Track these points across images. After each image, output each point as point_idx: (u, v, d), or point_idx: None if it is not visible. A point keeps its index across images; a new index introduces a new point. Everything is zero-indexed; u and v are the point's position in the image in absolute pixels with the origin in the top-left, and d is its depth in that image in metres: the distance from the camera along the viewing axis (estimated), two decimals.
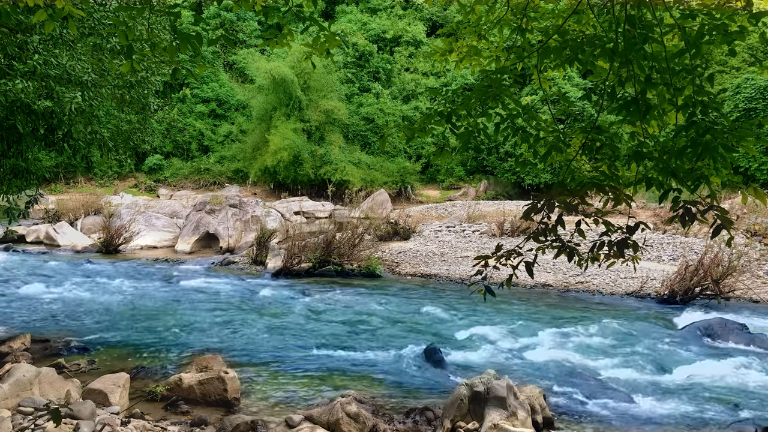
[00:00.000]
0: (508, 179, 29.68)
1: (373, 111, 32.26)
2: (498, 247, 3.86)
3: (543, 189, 26.30)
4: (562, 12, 4.11)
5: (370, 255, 15.59)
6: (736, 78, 26.28)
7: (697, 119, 3.18)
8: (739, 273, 12.69)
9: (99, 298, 12.32)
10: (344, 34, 32.25)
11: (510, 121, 3.73)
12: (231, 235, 18.96)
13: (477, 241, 18.41)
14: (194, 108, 33.54)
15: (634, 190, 3.56)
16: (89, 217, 21.45)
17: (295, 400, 7.37)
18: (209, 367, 7.50)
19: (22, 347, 8.65)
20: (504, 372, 7.35)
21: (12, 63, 6.60)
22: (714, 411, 7.18)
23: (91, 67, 7.22)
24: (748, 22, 3.42)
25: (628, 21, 3.36)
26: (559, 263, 14.72)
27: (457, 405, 6.35)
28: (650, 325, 10.74)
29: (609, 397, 7.50)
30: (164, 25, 7.94)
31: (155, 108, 9.13)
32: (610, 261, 3.74)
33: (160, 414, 6.78)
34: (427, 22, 36.11)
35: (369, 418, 6.25)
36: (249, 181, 31.12)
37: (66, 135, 7.67)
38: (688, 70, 3.31)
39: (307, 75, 30.12)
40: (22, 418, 5.60)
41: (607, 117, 13.40)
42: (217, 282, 14.23)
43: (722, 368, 8.54)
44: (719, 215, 3.11)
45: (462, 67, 4.68)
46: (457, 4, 5.01)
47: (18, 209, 8.22)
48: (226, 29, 34.45)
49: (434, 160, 4.05)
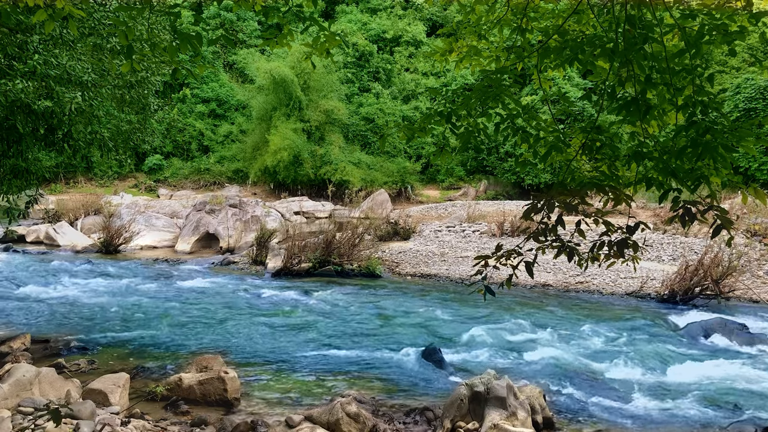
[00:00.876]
0: (508, 179, 29.68)
1: (373, 111, 32.25)
2: (498, 247, 3.86)
3: (543, 189, 26.30)
4: (562, 12, 4.11)
5: (370, 255, 15.59)
6: (736, 78, 26.27)
7: (697, 119, 3.18)
8: (739, 273, 12.69)
9: (99, 298, 12.32)
10: (344, 34, 32.22)
11: (510, 121, 3.73)
12: (231, 235, 18.96)
13: (477, 241, 18.41)
14: (194, 108, 33.53)
15: (634, 190, 3.55)
16: (89, 217, 21.45)
17: (295, 400, 7.37)
18: (209, 367, 7.51)
19: (22, 347, 8.65)
20: (504, 372, 7.35)
21: (12, 63, 6.60)
22: (714, 411, 7.18)
23: (91, 67, 7.23)
24: (748, 22, 3.42)
25: (628, 21, 3.36)
26: (559, 263, 14.72)
27: (457, 405, 6.35)
28: (650, 325, 10.73)
29: (609, 397, 7.51)
30: (164, 25, 7.95)
31: (155, 108, 9.13)
32: (610, 261, 3.74)
33: (160, 414, 6.78)
34: (427, 22, 36.09)
35: (369, 418, 6.25)
36: (249, 181, 31.11)
37: (66, 135, 7.67)
38: (688, 70, 3.30)
39: (307, 75, 30.11)
40: (22, 418, 5.59)
41: (607, 117, 13.38)
42: (217, 282, 14.24)
43: (722, 368, 8.55)
44: (719, 215, 3.11)
45: (462, 67, 4.68)
46: (457, 4, 5.01)
47: (18, 209, 8.22)
48: (226, 29, 34.44)
49: (434, 160, 4.05)
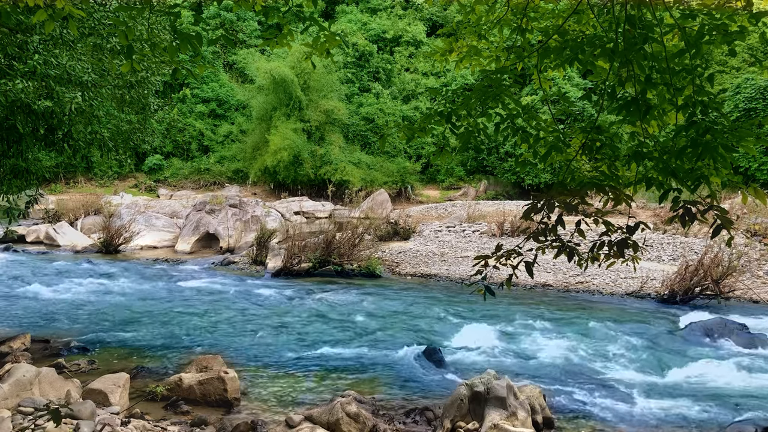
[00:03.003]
0: (508, 179, 29.68)
1: (373, 111, 32.24)
2: (498, 247, 3.86)
3: (543, 189, 26.29)
4: (562, 12, 4.11)
5: (370, 255, 15.59)
6: (736, 78, 26.26)
7: (697, 119, 3.18)
8: (739, 273, 12.69)
9: (99, 298, 12.32)
10: (344, 34, 32.21)
11: (510, 121, 3.73)
12: (231, 235, 18.96)
13: (477, 241, 18.41)
14: (194, 108, 33.53)
15: (634, 190, 3.55)
16: (89, 217, 21.45)
17: (295, 400, 7.37)
18: (209, 367, 7.51)
19: (22, 347, 8.65)
20: (504, 372, 7.35)
21: (12, 63, 6.60)
22: (714, 411, 7.18)
23: (91, 67, 7.22)
24: (748, 22, 3.42)
25: (628, 21, 3.36)
26: (559, 263, 14.71)
27: (457, 405, 6.35)
28: (650, 325, 10.74)
29: (609, 397, 7.51)
30: (164, 25, 7.94)
31: (155, 108, 9.12)
32: (610, 261, 3.74)
33: (160, 414, 6.78)
34: (427, 22, 36.08)
35: (369, 418, 6.25)
36: (249, 181, 31.10)
37: (66, 135, 7.66)
38: (688, 70, 3.30)
39: (307, 75, 30.10)
40: (22, 418, 5.59)
41: (607, 117, 13.37)
42: (217, 282, 14.24)
43: (722, 368, 8.55)
44: (719, 215, 3.11)
45: (462, 67, 4.68)
46: (457, 4, 5.01)
47: (18, 209, 8.21)
48: (226, 29, 34.43)
49: (434, 160, 4.06)
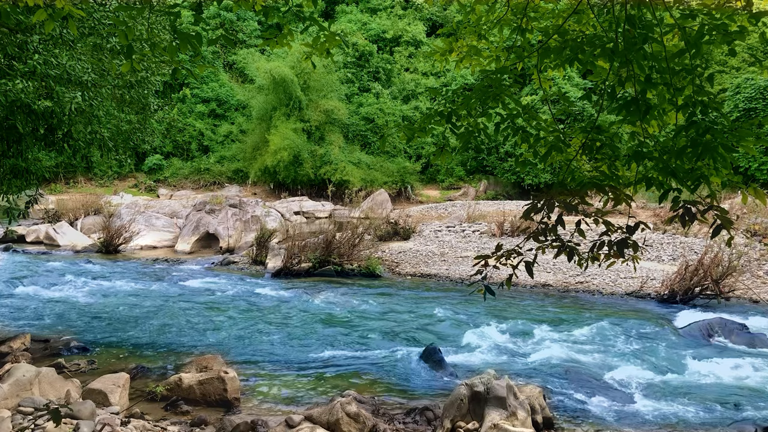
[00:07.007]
0: (508, 179, 29.68)
1: (373, 111, 32.24)
2: (498, 246, 3.86)
3: (543, 189, 26.29)
4: (562, 12, 4.11)
5: (370, 255, 15.58)
6: (736, 78, 26.26)
7: (697, 119, 3.18)
8: (739, 273, 12.69)
9: (99, 298, 12.32)
10: (344, 34, 32.20)
11: (510, 121, 3.73)
12: (231, 235, 18.96)
13: (477, 241, 18.41)
14: (194, 108, 33.52)
15: (634, 190, 3.55)
16: (89, 217, 21.46)
17: (295, 400, 7.37)
18: (209, 367, 7.51)
19: (22, 347, 8.65)
20: (504, 372, 7.35)
21: (12, 63, 6.60)
22: (714, 411, 7.19)
23: (91, 67, 7.22)
24: (748, 22, 3.42)
25: (628, 21, 3.36)
26: (559, 263, 14.72)
27: (457, 405, 6.35)
28: (650, 325, 10.73)
29: (609, 397, 7.51)
30: (164, 25, 7.94)
31: (155, 108, 9.12)
32: (610, 261, 3.74)
33: (160, 414, 6.78)
34: (427, 22, 36.08)
35: (369, 418, 6.25)
36: (249, 181, 31.10)
37: (66, 135, 7.66)
38: (688, 70, 3.30)
39: (307, 75, 30.10)
40: (22, 418, 5.59)
41: (607, 117, 13.39)
42: (216, 282, 14.24)
43: (722, 368, 8.55)
44: (719, 215, 3.11)
45: (462, 67, 4.68)
46: (457, 4, 5.01)
47: (18, 209, 8.21)
48: (226, 29, 34.42)
49: (434, 160, 4.06)
